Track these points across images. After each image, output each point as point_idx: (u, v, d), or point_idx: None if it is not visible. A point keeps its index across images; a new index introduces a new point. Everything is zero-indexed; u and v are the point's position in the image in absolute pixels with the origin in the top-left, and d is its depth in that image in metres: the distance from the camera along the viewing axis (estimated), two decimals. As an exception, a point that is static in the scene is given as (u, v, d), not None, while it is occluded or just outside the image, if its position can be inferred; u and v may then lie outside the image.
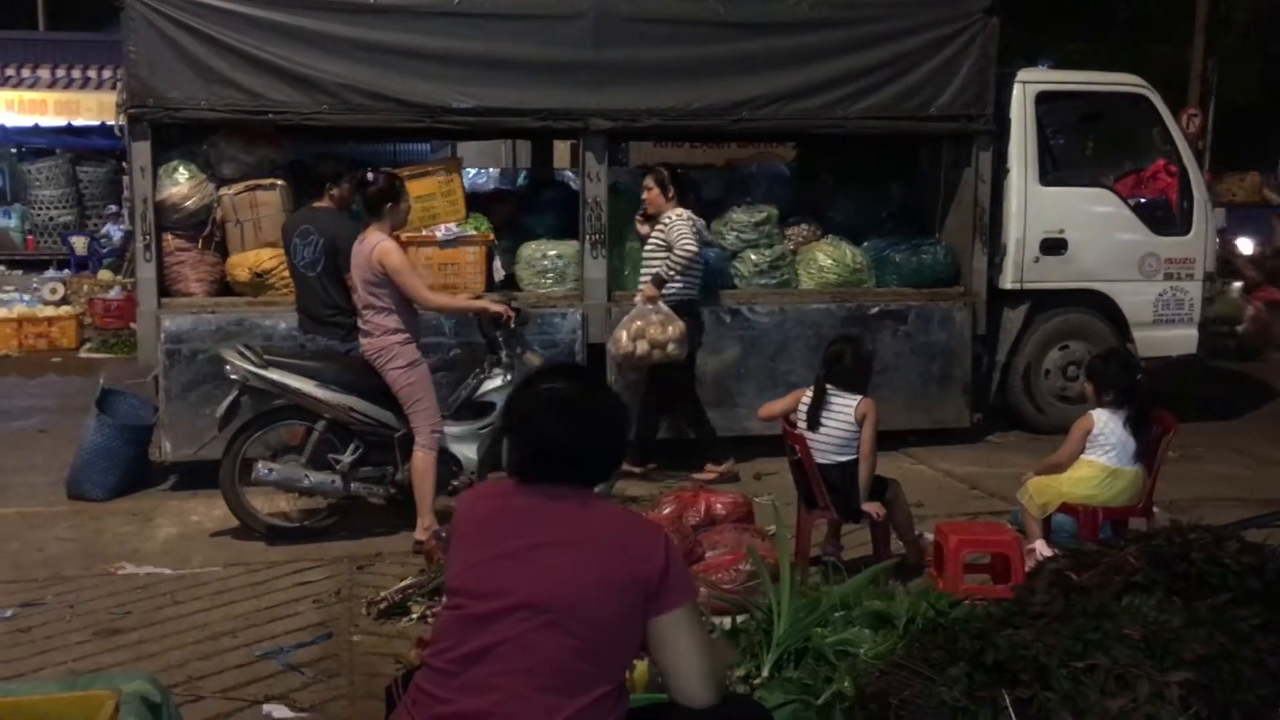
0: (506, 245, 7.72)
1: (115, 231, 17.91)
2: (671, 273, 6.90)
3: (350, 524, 6.21)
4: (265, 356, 5.91)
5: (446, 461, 6.09)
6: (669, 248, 6.93)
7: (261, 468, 5.92)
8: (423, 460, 5.88)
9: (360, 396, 5.93)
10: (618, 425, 2.77)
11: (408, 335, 5.84)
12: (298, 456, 6.04)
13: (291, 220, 6.59)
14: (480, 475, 6.18)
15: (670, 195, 7.12)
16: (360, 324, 5.94)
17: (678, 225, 6.96)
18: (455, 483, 6.16)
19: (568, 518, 2.54)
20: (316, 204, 6.54)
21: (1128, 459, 5.32)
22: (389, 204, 5.83)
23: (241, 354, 5.92)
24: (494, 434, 6.19)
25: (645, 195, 7.21)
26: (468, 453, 6.17)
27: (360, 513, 6.32)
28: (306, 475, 5.99)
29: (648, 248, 7.22)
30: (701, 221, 7.23)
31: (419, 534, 5.84)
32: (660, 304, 6.89)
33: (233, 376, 5.91)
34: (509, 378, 6.20)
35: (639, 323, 6.85)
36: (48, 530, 6.19)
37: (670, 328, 6.84)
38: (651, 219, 7.23)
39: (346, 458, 6.02)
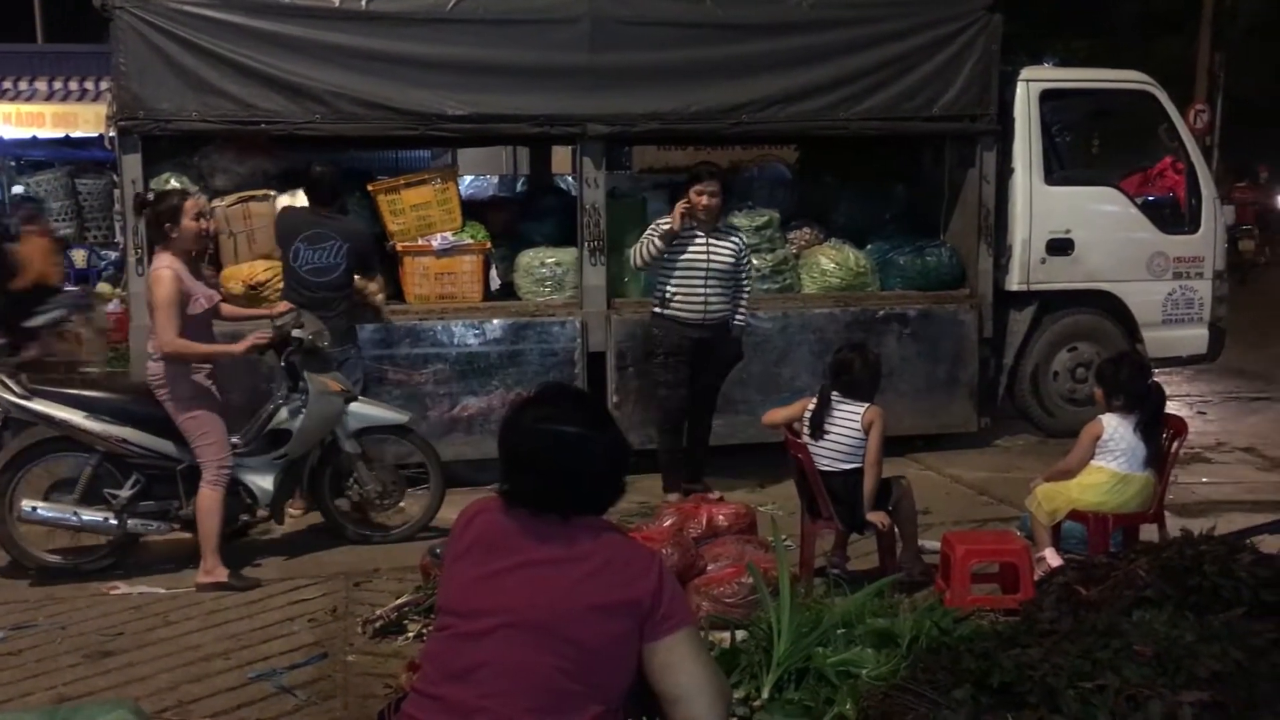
0: (504, 253, 7.63)
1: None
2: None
3: (347, 539, 6.15)
4: (31, 386, 5.61)
5: (239, 493, 5.77)
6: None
7: (25, 505, 5.54)
8: (208, 498, 5.54)
9: (136, 427, 5.57)
10: (615, 461, 2.56)
11: (187, 365, 5.49)
12: (70, 492, 5.66)
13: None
14: (275, 507, 5.93)
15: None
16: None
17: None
18: (246, 516, 5.93)
19: (559, 538, 2.46)
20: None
21: (1138, 464, 5.21)
22: (168, 225, 5.45)
23: (4, 384, 5.57)
24: (289, 464, 5.93)
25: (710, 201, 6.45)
26: (263, 484, 5.82)
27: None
28: (76, 513, 5.60)
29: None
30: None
31: (201, 577, 5.54)
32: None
33: None
34: (303, 405, 5.88)
35: None
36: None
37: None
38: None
39: (124, 493, 5.64)
